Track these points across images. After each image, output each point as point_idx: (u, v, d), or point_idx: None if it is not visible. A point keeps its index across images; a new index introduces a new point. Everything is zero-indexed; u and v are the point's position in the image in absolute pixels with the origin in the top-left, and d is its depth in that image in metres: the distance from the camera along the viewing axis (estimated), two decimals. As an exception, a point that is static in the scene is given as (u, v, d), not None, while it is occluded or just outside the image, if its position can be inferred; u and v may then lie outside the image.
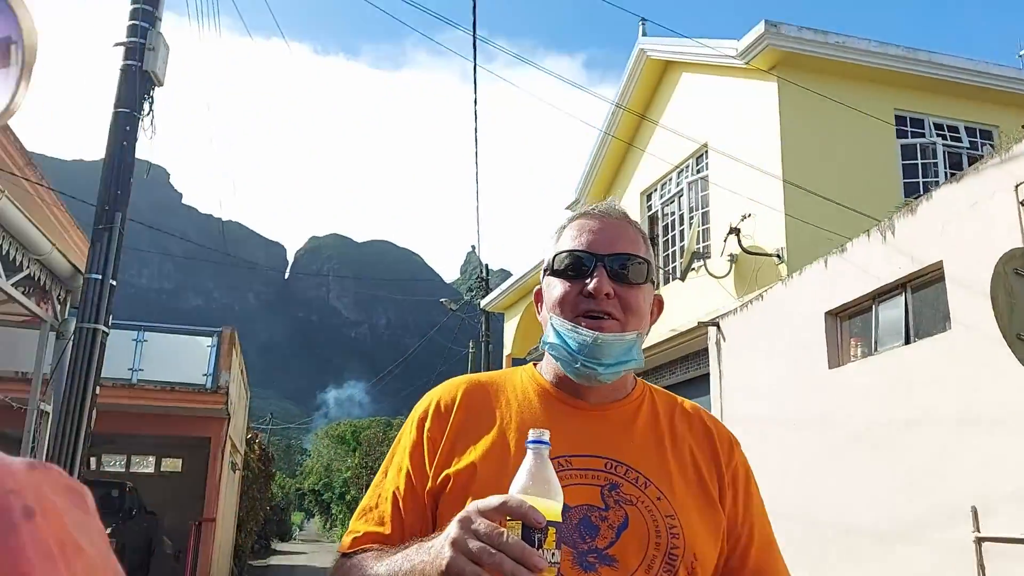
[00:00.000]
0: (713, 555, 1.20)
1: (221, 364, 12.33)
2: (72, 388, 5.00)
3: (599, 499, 1.15)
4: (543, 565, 0.90)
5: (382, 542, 1.20)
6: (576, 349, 1.20)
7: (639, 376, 1.40)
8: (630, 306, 1.25)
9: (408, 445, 1.27)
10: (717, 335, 8.50)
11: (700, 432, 1.31)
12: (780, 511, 6.46)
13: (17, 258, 4.73)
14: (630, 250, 1.28)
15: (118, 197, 5.28)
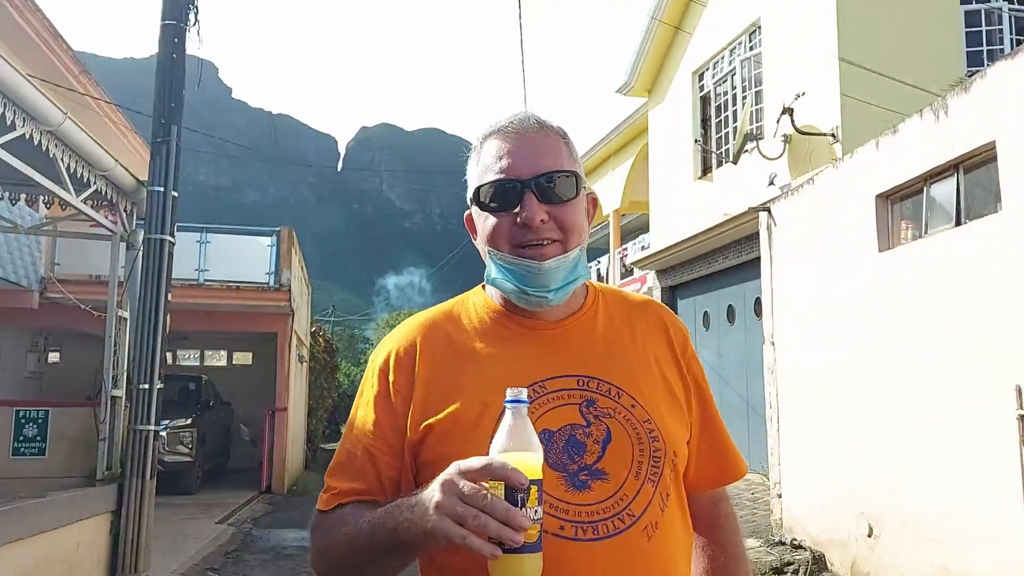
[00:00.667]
0: (685, 447, 1.27)
1: (282, 263, 12.72)
2: (146, 295, 5.31)
3: (579, 417, 1.18)
4: (527, 524, 0.94)
5: (360, 496, 1.20)
6: (522, 280, 1.20)
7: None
8: (566, 224, 1.22)
9: (372, 397, 1.25)
10: (768, 219, 8.46)
11: (657, 330, 1.35)
12: (825, 393, 6.67)
13: (84, 175, 4.95)
14: (554, 166, 1.22)
15: (172, 110, 5.44)
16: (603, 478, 1.15)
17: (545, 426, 1.15)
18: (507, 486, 0.94)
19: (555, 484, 1.11)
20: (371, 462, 1.21)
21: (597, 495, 1.13)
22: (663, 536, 1.16)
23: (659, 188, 14.89)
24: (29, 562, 3.91)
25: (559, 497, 1.12)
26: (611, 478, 1.15)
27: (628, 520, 1.13)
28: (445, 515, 0.95)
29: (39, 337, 15.34)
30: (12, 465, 5.22)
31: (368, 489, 1.20)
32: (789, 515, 7.73)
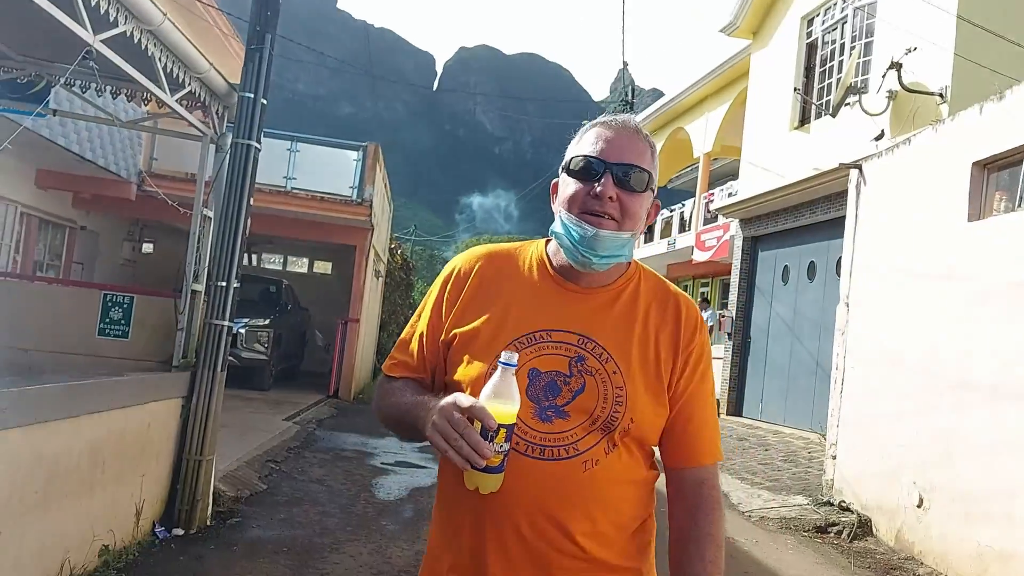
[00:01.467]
0: (652, 421, 1.47)
1: (366, 178, 12.95)
2: (229, 197, 5.51)
3: (567, 367, 1.43)
4: (489, 453, 1.25)
5: (410, 371, 1.57)
6: (577, 240, 1.44)
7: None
8: (628, 210, 1.45)
9: (432, 301, 1.58)
10: (858, 178, 8.18)
11: (671, 317, 1.52)
12: (893, 359, 6.53)
13: (179, 75, 5.12)
14: (636, 161, 1.46)
15: (267, 18, 5.54)
16: (564, 417, 1.40)
17: (536, 366, 1.42)
18: (482, 425, 1.26)
19: (527, 412, 1.38)
20: (420, 347, 1.56)
21: (554, 428, 1.40)
22: (599, 472, 1.40)
23: (753, 135, 14.47)
24: (103, 434, 4.22)
25: (526, 422, 1.38)
26: (571, 419, 1.40)
27: (572, 452, 1.40)
28: (437, 431, 1.29)
29: (135, 227, 16.08)
30: (97, 344, 5.57)
31: (414, 367, 1.57)
32: (841, 477, 7.68)
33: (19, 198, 11.95)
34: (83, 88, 6.08)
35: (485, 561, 1.40)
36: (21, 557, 3.53)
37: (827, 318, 10.44)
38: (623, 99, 25.34)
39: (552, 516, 1.38)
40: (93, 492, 4.15)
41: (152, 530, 4.98)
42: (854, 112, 10.55)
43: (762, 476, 9.24)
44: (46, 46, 5.44)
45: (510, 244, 1.64)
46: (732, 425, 13.14)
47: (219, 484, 5.88)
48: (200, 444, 5.33)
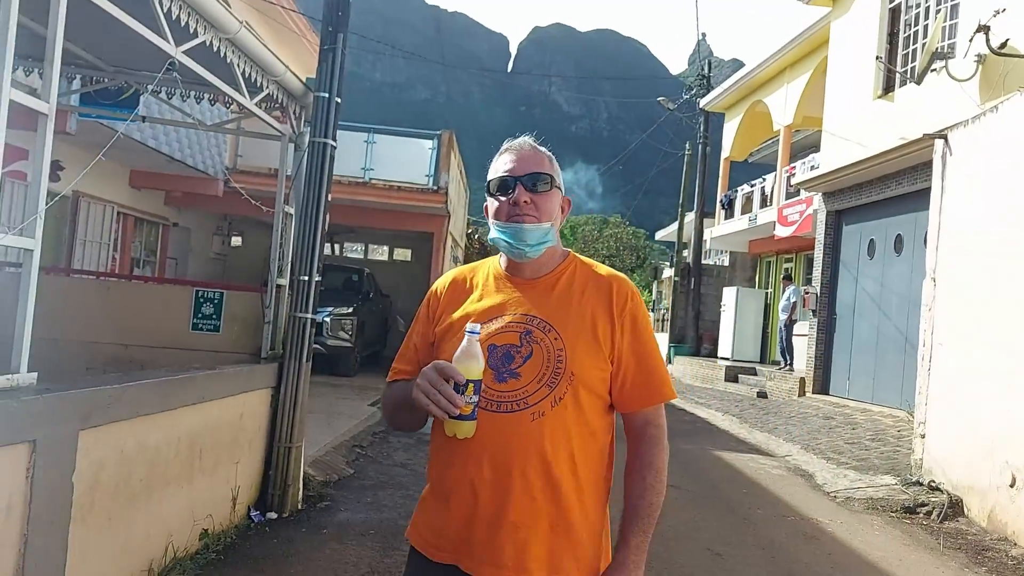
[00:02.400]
0: (592, 374, 1.79)
1: (441, 165, 13.14)
2: (308, 194, 5.72)
3: (518, 340, 1.80)
4: (460, 403, 1.63)
5: (407, 374, 1.94)
6: (510, 238, 1.84)
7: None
8: (541, 207, 1.84)
9: (422, 315, 2.01)
10: (944, 148, 7.90)
11: (604, 294, 1.87)
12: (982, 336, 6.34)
13: (257, 79, 5.32)
14: (538, 169, 1.86)
15: (339, 19, 5.70)
16: (517, 377, 1.76)
17: (494, 341, 1.80)
18: (455, 381, 1.62)
19: (488, 377, 1.73)
20: (414, 353, 1.97)
21: (510, 387, 1.76)
22: (545, 422, 1.74)
23: (835, 105, 14.06)
24: (200, 425, 4.47)
25: (488, 385, 1.73)
26: (522, 379, 1.76)
27: (523, 405, 1.75)
28: (419, 390, 1.66)
29: (223, 222, 16.71)
30: (191, 338, 5.88)
31: (411, 371, 1.93)
32: (930, 456, 7.49)
33: (116, 199, 12.58)
34: (169, 95, 6.38)
35: (461, 495, 1.76)
36: (129, 541, 3.80)
37: (915, 293, 10.13)
38: (700, 73, 24.90)
39: (508, 458, 1.73)
40: (192, 479, 4.42)
41: (247, 514, 5.26)
42: (941, 79, 10.16)
43: (849, 456, 9.08)
44: (134, 56, 5.72)
45: (473, 263, 2.05)
46: (818, 404, 12.90)
47: (308, 469, 6.14)
48: (289, 432, 5.58)
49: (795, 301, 15.46)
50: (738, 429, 11.79)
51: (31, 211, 3.22)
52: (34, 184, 3.23)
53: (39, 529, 3.06)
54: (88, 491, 3.39)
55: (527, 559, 1.73)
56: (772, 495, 7.52)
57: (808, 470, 8.68)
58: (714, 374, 17.84)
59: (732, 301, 19.37)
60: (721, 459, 9.36)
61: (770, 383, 15.22)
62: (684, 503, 7.06)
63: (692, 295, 22.09)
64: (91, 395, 3.39)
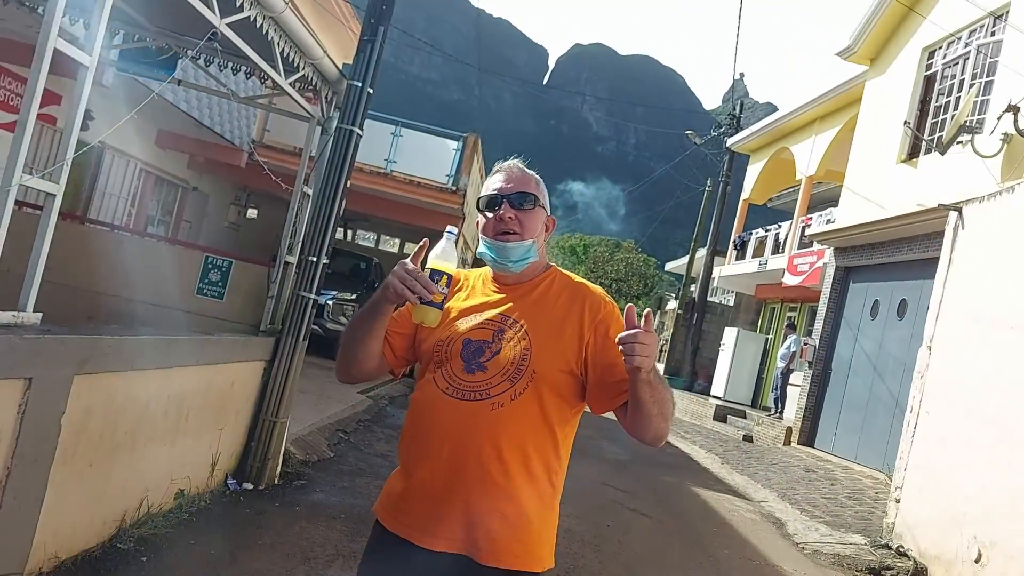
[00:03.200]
0: (555, 375, 1.90)
1: (463, 167, 13.25)
2: (328, 178, 5.82)
3: (491, 337, 1.93)
4: (435, 290, 1.81)
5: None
6: (495, 255, 1.99)
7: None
8: (524, 224, 1.98)
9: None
10: (957, 220, 7.97)
11: (579, 303, 2.00)
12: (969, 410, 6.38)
13: (295, 60, 5.44)
14: (523, 189, 2.01)
15: (383, 11, 5.81)
16: (484, 371, 1.89)
17: (469, 336, 1.94)
18: (430, 272, 1.83)
19: (459, 367, 1.91)
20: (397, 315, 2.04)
21: (476, 379, 1.89)
22: (503, 412, 1.87)
23: (859, 163, 14.14)
24: (191, 387, 4.56)
25: (457, 375, 1.90)
26: (488, 372, 1.89)
27: (484, 396, 1.87)
28: (395, 278, 1.82)
29: (242, 193, 16.82)
30: (195, 301, 5.97)
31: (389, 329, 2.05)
32: (903, 521, 7.53)
33: (139, 155, 12.71)
34: (207, 62, 6.49)
35: (422, 472, 1.90)
36: (107, 490, 3.88)
37: (912, 358, 10.16)
38: (731, 112, 25.02)
39: (465, 443, 1.86)
40: (176, 439, 4.50)
41: (224, 481, 5.34)
42: (965, 152, 10.23)
43: (823, 510, 9.11)
44: (178, 20, 5.84)
45: (472, 269, 2.18)
46: (802, 455, 12.93)
47: (290, 446, 6.22)
48: (277, 406, 5.67)
49: (795, 351, 15.50)
50: (719, 469, 11.83)
51: (60, 157, 3.33)
52: (66, 132, 3.33)
53: (23, 464, 3.15)
54: (74, 435, 3.48)
55: (476, 538, 1.84)
56: (741, 537, 7.57)
57: (781, 518, 8.72)
58: (704, 411, 17.87)
59: (732, 341, 19.42)
60: (698, 496, 9.40)
61: (757, 428, 15.26)
62: (654, 531, 7.12)
63: (693, 330, 22.15)
64: (90, 342, 3.49)
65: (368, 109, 5.90)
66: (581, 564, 5.51)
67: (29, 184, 3.17)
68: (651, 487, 9.24)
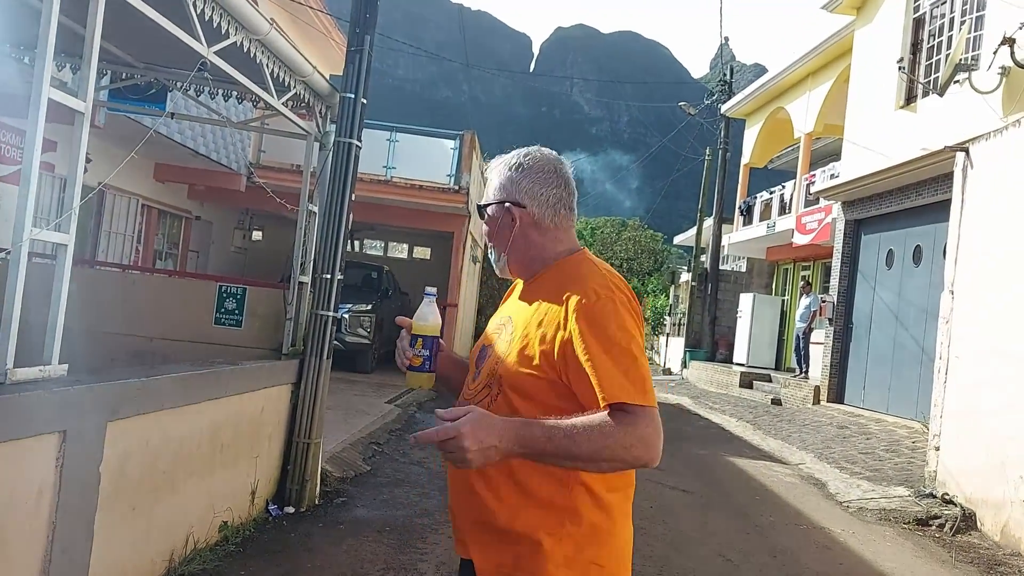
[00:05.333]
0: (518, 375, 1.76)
1: (463, 165, 13.22)
2: (332, 193, 5.80)
3: (495, 340, 1.91)
4: (409, 354, 1.93)
5: None
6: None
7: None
8: (488, 235, 1.98)
9: None
10: (965, 161, 7.89)
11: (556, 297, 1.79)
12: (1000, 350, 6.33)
13: (285, 79, 5.41)
14: (480, 203, 1.99)
15: (367, 20, 5.78)
16: (477, 376, 1.89)
17: (484, 341, 1.96)
18: (411, 336, 1.94)
19: (472, 375, 1.93)
20: None
21: (473, 385, 1.89)
22: None
23: (857, 114, 14.02)
24: (222, 418, 4.56)
25: (469, 382, 1.92)
26: (479, 378, 1.88)
27: (475, 401, 1.80)
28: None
29: (245, 216, 16.86)
30: (213, 332, 5.98)
31: None
32: (944, 468, 7.48)
33: (140, 191, 12.74)
34: (197, 92, 6.48)
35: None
36: (152, 531, 3.89)
37: (933, 304, 10.10)
38: (721, 78, 24.86)
39: None
40: (213, 472, 4.50)
41: (266, 508, 5.34)
42: (964, 91, 10.13)
43: (862, 466, 9.07)
44: (164, 54, 5.82)
45: None
46: (833, 412, 12.87)
47: (326, 465, 6.22)
48: (308, 427, 5.67)
49: (814, 310, 15.40)
50: (752, 435, 11.79)
51: (65, 206, 3.32)
52: (70, 180, 3.32)
53: (67, 516, 3.15)
54: (114, 481, 3.48)
55: (467, 546, 1.81)
56: (784, 503, 7.54)
57: (821, 479, 8.69)
58: (729, 380, 17.82)
59: (749, 307, 19.34)
60: (734, 465, 9.38)
61: (785, 390, 15.20)
62: (696, 508, 7.10)
63: (709, 300, 22.06)
64: (119, 387, 3.48)
65: (364, 119, 5.87)
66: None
67: (40, 238, 3.16)
68: (686, 462, 9.21)
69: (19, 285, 3.01)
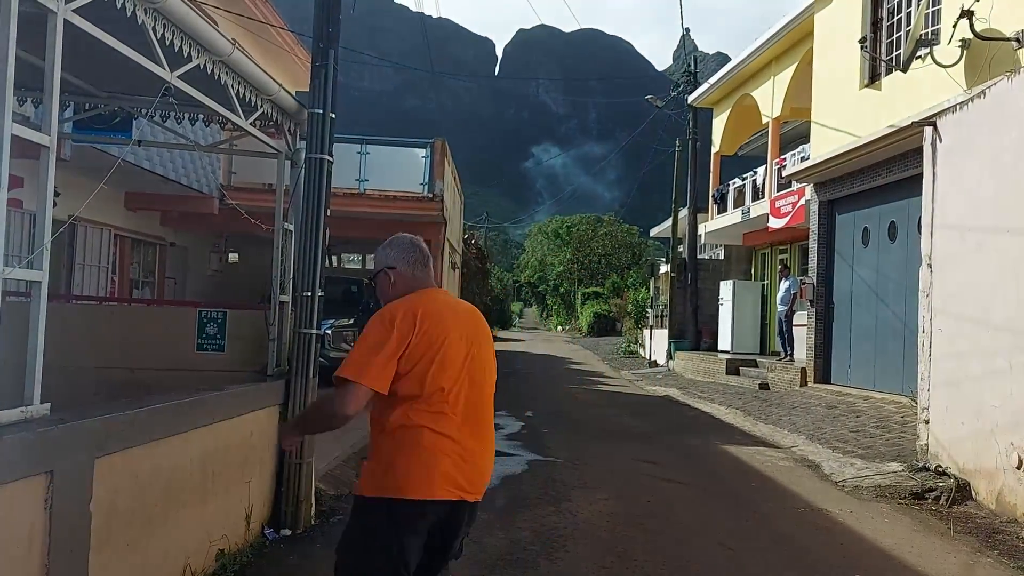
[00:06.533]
0: None
1: (435, 173, 13.18)
2: (307, 210, 5.74)
3: None
4: None
5: None
6: None
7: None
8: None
9: None
10: (933, 135, 7.96)
11: None
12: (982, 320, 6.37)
13: (251, 99, 5.35)
14: (373, 269, 3.14)
15: (330, 35, 5.73)
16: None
17: None
18: None
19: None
20: None
21: None
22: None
23: (822, 96, 14.13)
24: (211, 446, 4.50)
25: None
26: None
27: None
28: None
29: (219, 240, 16.70)
30: (197, 358, 5.91)
31: None
32: (935, 441, 7.54)
33: (112, 221, 12.59)
34: (163, 117, 6.40)
35: None
36: (148, 566, 3.82)
37: (912, 279, 10.18)
38: (686, 69, 24.96)
39: None
40: (206, 500, 4.44)
41: (262, 532, 5.28)
42: (926, 66, 10.22)
43: (854, 444, 9.13)
44: (127, 81, 5.75)
45: None
46: (821, 393, 12.95)
47: (320, 484, 6.16)
48: (299, 448, 5.60)
49: (794, 292, 15.49)
50: (742, 422, 11.84)
51: (36, 241, 3.25)
52: (39, 216, 3.26)
53: (60, 559, 3.08)
54: (106, 518, 3.41)
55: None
56: (781, 487, 7.56)
57: (814, 460, 8.73)
58: (715, 368, 17.89)
59: (730, 294, 19.44)
60: (727, 453, 9.40)
61: (771, 375, 15.28)
62: (693, 498, 7.10)
63: (689, 290, 22.14)
64: (105, 423, 3.42)
65: (334, 134, 5.82)
66: (631, 545, 5.49)
67: (13, 276, 3.10)
68: (681, 454, 9.23)
69: (-5, 326, 2.94)
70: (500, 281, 55.21)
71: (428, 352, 2.75)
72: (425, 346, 2.75)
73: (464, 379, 2.82)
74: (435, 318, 2.82)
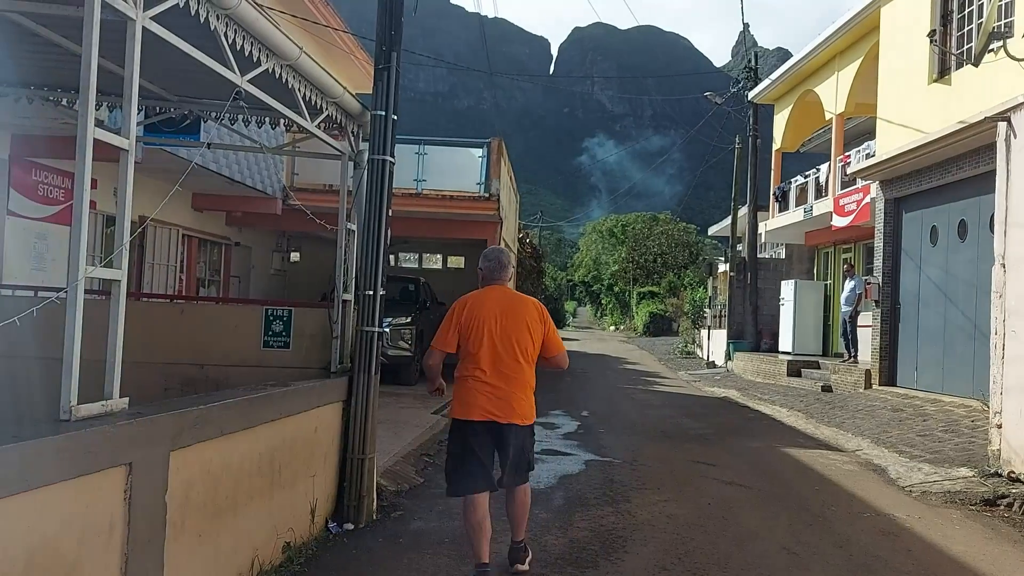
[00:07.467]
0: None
1: (491, 173, 13.24)
2: (370, 210, 5.83)
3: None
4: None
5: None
6: None
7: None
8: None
9: None
10: (1007, 130, 7.71)
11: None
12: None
13: (317, 102, 5.45)
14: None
15: (392, 38, 5.81)
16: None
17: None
18: None
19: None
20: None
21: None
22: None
23: (889, 91, 13.79)
24: (277, 441, 4.60)
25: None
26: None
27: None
28: None
29: (282, 239, 17.06)
30: (263, 355, 6.05)
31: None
32: (1008, 446, 7.31)
33: (179, 221, 12.95)
34: (232, 120, 6.56)
35: None
36: (219, 556, 3.93)
37: (982, 279, 9.89)
38: (746, 65, 24.59)
39: None
40: (273, 494, 4.54)
41: (325, 526, 5.38)
42: (999, 59, 9.91)
43: (922, 448, 8.90)
44: (197, 86, 5.91)
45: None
46: (886, 396, 12.65)
47: (381, 480, 6.25)
48: (362, 443, 5.70)
49: (859, 292, 15.14)
50: (804, 425, 11.63)
51: (109, 241, 3.37)
52: (119, 217, 3.37)
53: (138, 547, 3.19)
54: (180, 509, 3.52)
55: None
56: (845, 491, 7.41)
57: (880, 464, 8.53)
58: (776, 369, 17.60)
59: (791, 294, 19.09)
60: (790, 456, 9.25)
61: (835, 376, 14.97)
62: (756, 502, 7.01)
63: (749, 290, 21.81)
64: (179, 416, 3.53)
65: (395, 135, 5.90)
66: (692, 547, 5.44)
67: (95, 275, 3.22)
68: (741, 456, 9.11)
69: (77, 323, 3.06)
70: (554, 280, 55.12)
71: (466, 330, 4.52)
72: (466, 326, 4.53)
73: (488, 345, 4.46)
74: (475, 308, 4.56)
